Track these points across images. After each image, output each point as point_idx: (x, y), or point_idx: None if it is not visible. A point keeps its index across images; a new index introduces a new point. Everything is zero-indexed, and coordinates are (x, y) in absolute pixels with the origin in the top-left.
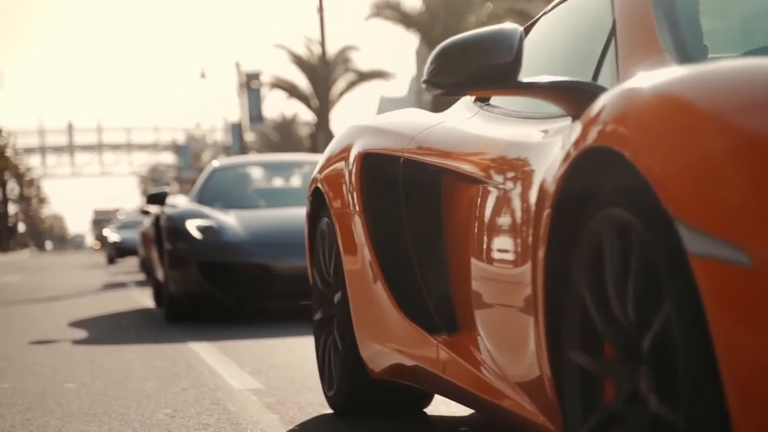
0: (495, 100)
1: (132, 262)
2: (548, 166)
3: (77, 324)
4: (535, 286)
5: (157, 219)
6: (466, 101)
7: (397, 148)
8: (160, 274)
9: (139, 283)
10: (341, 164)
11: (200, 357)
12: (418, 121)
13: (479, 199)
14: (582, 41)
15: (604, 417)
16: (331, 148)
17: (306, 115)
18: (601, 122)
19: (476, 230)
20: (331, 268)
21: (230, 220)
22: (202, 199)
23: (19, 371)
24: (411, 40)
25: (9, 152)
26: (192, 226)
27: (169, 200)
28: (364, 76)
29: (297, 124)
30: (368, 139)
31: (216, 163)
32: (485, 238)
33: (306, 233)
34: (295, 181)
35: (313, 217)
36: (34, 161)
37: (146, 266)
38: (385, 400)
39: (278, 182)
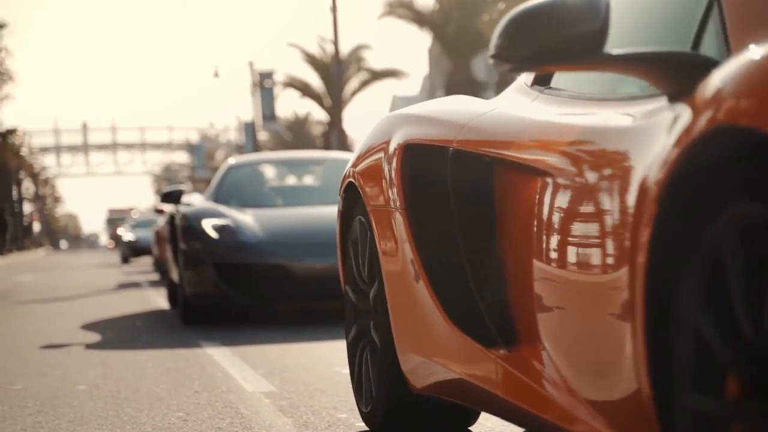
0: (559, 81)
1: (146, 262)
2: (647, 155)
3: (90, 324)
4: (632, 299)
5: (171, 218)
6: (521, 86)
7: (445, 138)
8: (174, 274)
9: (153, 283)
10: (379, 157)
11: (213, 359)
12: (467, 108)
13: (547, 195)
14: (671, 7)
15: None
16: (368, 139)
17: (319, 114)
18: (726, 98)
19: (543, 229)
20: (365, 272)
21: (247, 219)
22: (217, 197)
23: (31, 372)
24: (424, 39)
25: (24, 151)
26: (208, 225)
27: (185, 198)
28: (376, 75)
29: (310, 123)
30: (410, 128)
31: (232, 161)
32: (556, 239)
33: (337, 234)
34: (314, 179)
35: (346, 216)
36: (49, 160)
37: (160, 266)
38: (427, 417)
39: (296, 180)
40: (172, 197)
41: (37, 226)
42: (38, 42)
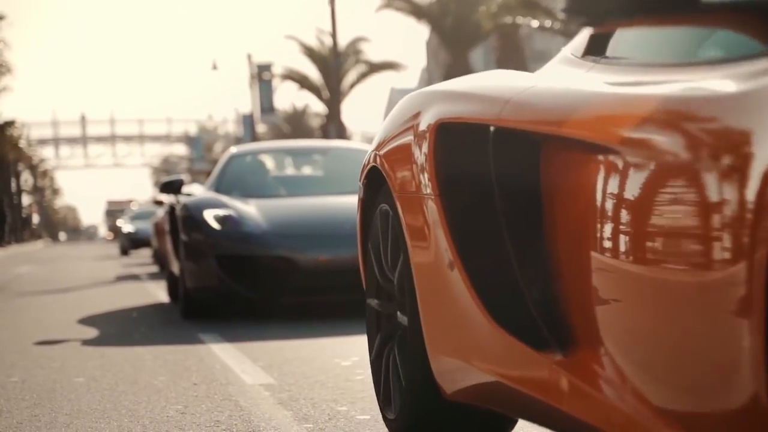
0: (617, 49)
1: (145, 254)
2: (763, 128)
3: (89, 317)
4: (749, 297)
5: (171, 209)
6: (567, 57)
7: (486, 116)
8: (175, 267)
9: (153, 276)
10: (408, 139)
11: (211, 351)
12: (509, 82)
13: (615, 177)
14: None
15: None
16: (393, 120)
17: (317, 107)
18: None
19: (608, 217)
20: (392, 266)
21: (250, 209)
22: (219, 187)
23: (29, 365)
24: (421, 31)
25: (23, 143)
26: (209, 216)
27: (185, 189)
28: (375, 68)
29: (308, 115)
30: (444, 106)
31: (234, 150)
32: (629, 228)
33: (358, 225)
34: (318, 168)
35: (368, 205)
36: (47, 153)
37: (160, 258)
38: (458, 424)
39: (300, 170)
40: (172, 187)
41: (35, 218)
42: (37, 34)
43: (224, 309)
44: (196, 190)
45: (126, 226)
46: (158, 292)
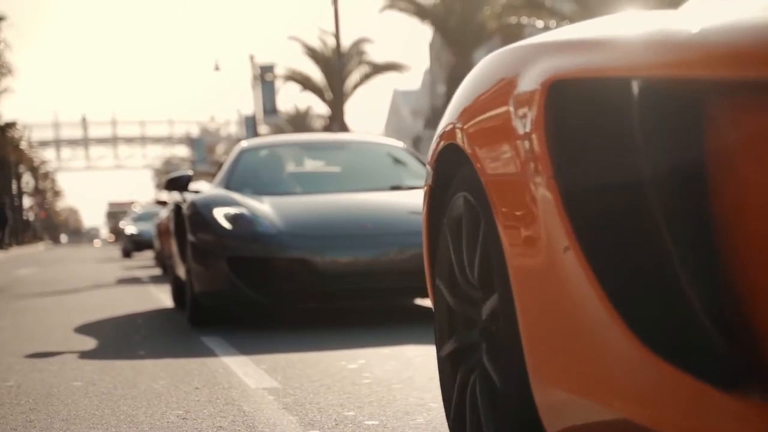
0: None
1: (147, 256)
2: None
3: (89, 319)
4: None
5: (177, 207)
6: None
7: (625, 67)
8: (181, 270)
9: (155, 279)
10: (504, 107)
11: (213, 353)
12: (649, 23)
13: None
14: None
15: None
16: (479, 81)
17: (320, 108)
18: None
19: None
20: (476, 270)
21: (264, 208)
22: (229, 184)
23: (26, 368)
24: (424, 32)
25: (24, 145)
26: (220, 215)
27: (192, 186)
28: (378, 69)
29: (311, 116)
30: (557, 58)
31: (245, 143)
32: None
33: (424, 219)
34: (337, 163)
35: (440, 193)
36: (48, 154)
37: (162, 260)
38: None
39: (317, 165)
40: (178, 183)
41: (35, 220)
42: (38, 35)
43: (236, 316)
44: (204, 187)
45: (129, 228)
46: (160, 295)
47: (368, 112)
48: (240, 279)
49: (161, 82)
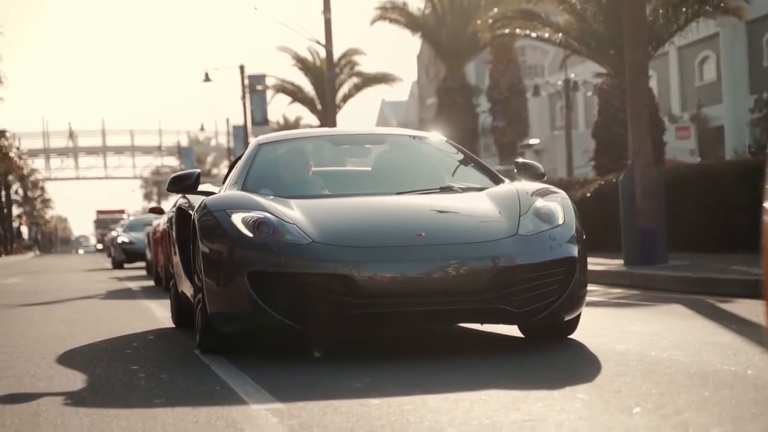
0: None
1: (141, 265)
2: None
3: (78, 331)
4: None
5: (180, 211)
6: None
7: None
8: (185, 286)
9: (147, 291)
10: None
11: (211, 370)
12: None
13: None
14: None
15: None
16: None
17: (310, 119)
18: None
19: None
20: None
21: (292, 212)
22: (245, 184)
23: (12, 384)
24: (412, 44)
25: (13, 154)
26: (238, 220)
27: (201, 187)
28: (369, 80)
29: (301, 127)
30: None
31: (262, 138)
32: None
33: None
34: (372, 161)
35: None
36: (38, 164)
37: (155, 271)
38: None
39: (349, 163)
40: (184, 184)
41: (25, 229)
42: (27, 44)
43: (266, 345)
44: (214, 189)
45: (120, 236)
46: (153, 307)
47: (356, 123)
48: (264, 299)
49: (151, 92)
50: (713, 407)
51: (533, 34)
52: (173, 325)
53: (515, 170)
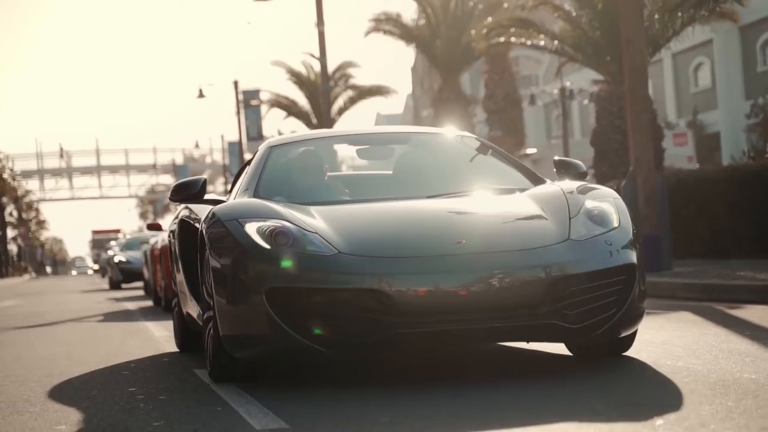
0: None
1: (137, 285)
2: None
3: (74, 353)
4: None
5: (182, 223)
6: None
7: None
8: (191, 306)
9: (145, 312)
10: None
11: (210, 389)
12: None
13: None
14: None
15: None
16: None
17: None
18: None
19: None
20: None
21: (314, 221)
22: (258, 190)
23: (4, 408)
24: (406, 58)
25: (7, 175)
26: (253, 230)
27: (208, 197)
28: (364, 93)
29: None
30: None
31: (273, 140)
32: None
33: None
34: (396, 163)
35: None
36: (32, 185)
37: (154, 291)
38: None
39: (370, 165)
40: (188, 192)
41: (17, 250)
42: (19, 64)
43: (288, 374)
44: (221, 198)
45: (118, 255)
46: (148, 325)
47: None
48: (284, 319)
49: (144, 110)
50: (739, 417)
51: (529, 42)
52: (172, 346)
53: (554, 169)
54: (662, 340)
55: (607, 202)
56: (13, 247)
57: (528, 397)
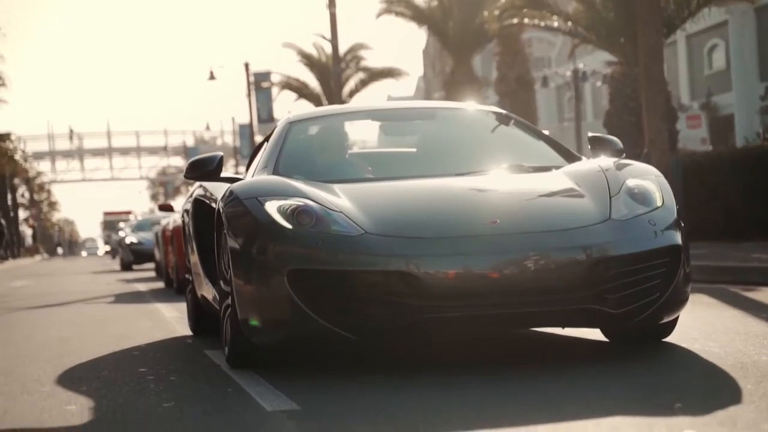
0: None
1: (150, 265)
2: None
3: (85, 333)
4: None
5: (196, 202)
6: None
7: None
8: (206, 289)
9: (156, 293)
10: None
11: (221, 371)
12: None
13: None
14: None
15: None
16: None
17: None
18: None
19: None
20: None
21: (338, 199)
22: (277, 167)
23: (15, 389)
24: (418, 40)
25: (18, 157)
26: (273, 209)
27: (225, 174)
28: (375, 75)
29: None
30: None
31: (292, 116)
32: None
33: None
34: (422, 138)
35: None
36: (43, 166)
37: (165, 273)
38: None
39: (392, 142)
40: (204, 169)
41: (29, 231)
42: (31, 46)
43: (299, 356)
44: (238, 176)
45: (129, 237)
46: (159, 307)
47: None
48: (307, 302)
49: (156, 92)
50: (759, 400)
51: (542, 24)
52: (183, 328)
53: (589, 147)
54: (678, 322)
55: (649, 179)
56: (24, 229)
57: (548, 381)
